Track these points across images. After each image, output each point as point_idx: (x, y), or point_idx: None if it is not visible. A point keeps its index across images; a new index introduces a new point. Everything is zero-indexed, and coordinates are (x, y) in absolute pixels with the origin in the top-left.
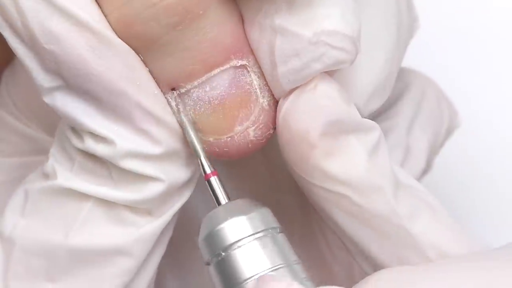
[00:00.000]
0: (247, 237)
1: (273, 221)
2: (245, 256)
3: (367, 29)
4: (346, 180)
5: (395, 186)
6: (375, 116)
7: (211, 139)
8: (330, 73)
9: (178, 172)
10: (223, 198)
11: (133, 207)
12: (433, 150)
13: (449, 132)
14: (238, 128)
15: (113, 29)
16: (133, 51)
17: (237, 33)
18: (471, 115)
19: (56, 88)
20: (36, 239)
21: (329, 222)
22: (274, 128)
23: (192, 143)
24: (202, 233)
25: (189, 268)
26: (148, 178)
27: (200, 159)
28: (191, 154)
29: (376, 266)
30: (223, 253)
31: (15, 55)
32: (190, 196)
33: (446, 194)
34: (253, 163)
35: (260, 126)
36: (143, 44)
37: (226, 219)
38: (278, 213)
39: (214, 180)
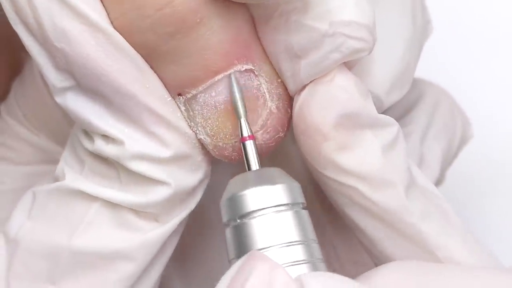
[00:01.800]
0: (267, 208)
1: (299, 196)
2: (261, 227)
3: (385, 20)
4: (359, 174)
5: (409, 184)
6: None
7: (220, 143)
8: (351, 64)
9: (185, 177)
10: (254, 164)
11: (139, 211)
12: (447, 161)
13: (462, 143)
14: None
15: None
16: (140, 56)
17: (240, 38)
18: (481, 121)
19: (68, 88)
20: (40, 241)
21: (342, 214)
22: (284, 132)
23: (235, 102)
24: (226, 194)
25: (195, 269)
26: (155, 181)
27: (240, 120)
28: (200, 160)
29: (384, 258)
30: (239, 220)
31: (23, 67)
32: (200, 198)
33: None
34: None
35: (268, 130)
36: (144, 53)
37: (251, 186)
38: None
39: (250, 144)
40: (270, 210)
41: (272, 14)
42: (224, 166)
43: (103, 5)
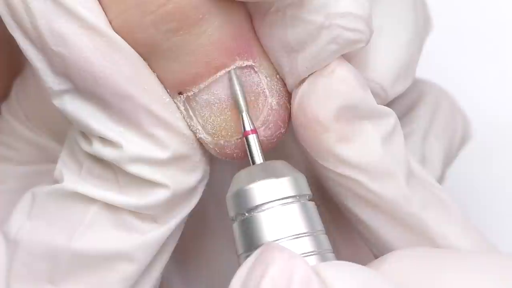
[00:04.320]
0: (274, 201)
1: (305, 188)
2: (269, 220)
3: (388, 12)
4: (360, 165)
5: (409, 174)
6: None
7: (221, 141)
8: (349, 56)
9: (184, 178)
10: (258, 158)
11: (138, 212)
12: (447, 160)
13: (463, 143)
14: None
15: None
16: (139, 56)
17: (241, 34)
18: (480, 121)
19: (65, 91)
20: (40, 242)
21: (342, 207)
22: (285, 128)
23: (236, 97)
24: (231, 189)
25: (196, 268)
26: (154, 184)
27: (242, 115)
28: (198, 160)
29: (387, 251)
30: (247, 214)
31: (24, 67)
32: (200, 197)
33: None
34: None
35: (270, 126)
36: (146, 51)
37: (256, 180)
38: None
39: (253, 138)
40: (277, 203)
41: (268, 10)
42: (223, 165)
43: (102, 4)
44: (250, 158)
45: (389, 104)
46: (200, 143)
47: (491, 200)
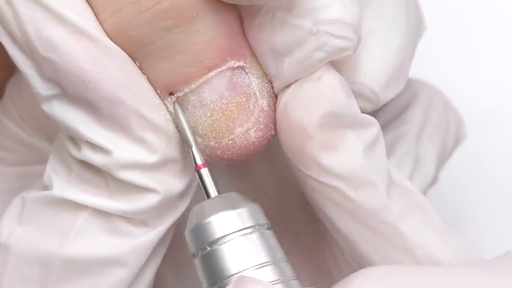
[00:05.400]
0: (234, 233)
1: (261, 217)
2: (231, 252)
3: (380, 15)
4: (341, 174)
5: (389, 183)
6: (384, 124)
7: (212, 143)
8: (340, 62)
9: (173, 182)
10: (212, 191)
11: (129, 217)
12: (441, 160)
13: (456, 143)
14: (239, 130)
15: (108, 37)
16: (130, 58)
17: (233, 35)
18: (474, 120)
19: (54, 96)
20: (31, 247)
21: (321, 215)
22: (275, 129)
23: (184, 132)
24: (189, 225)
25: (190, 270)
26: (144, 189)
27: (192, 150)
28: (188, 163)
29: (363, 262)
30: (208, 247)
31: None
32: (192, 198)
33: (445, 198)
34: (259, 177)
35: (261, 127)
36: (138, 50)
37: (214, 213)
38: (285, 227)
39: (205, 172)
40: (238, 234)
41: (258, 12)
42: (213, 166)
43: (97, 4)
44: (204, 192)
45: (382, 105)
46: None
47: (485, 199)
